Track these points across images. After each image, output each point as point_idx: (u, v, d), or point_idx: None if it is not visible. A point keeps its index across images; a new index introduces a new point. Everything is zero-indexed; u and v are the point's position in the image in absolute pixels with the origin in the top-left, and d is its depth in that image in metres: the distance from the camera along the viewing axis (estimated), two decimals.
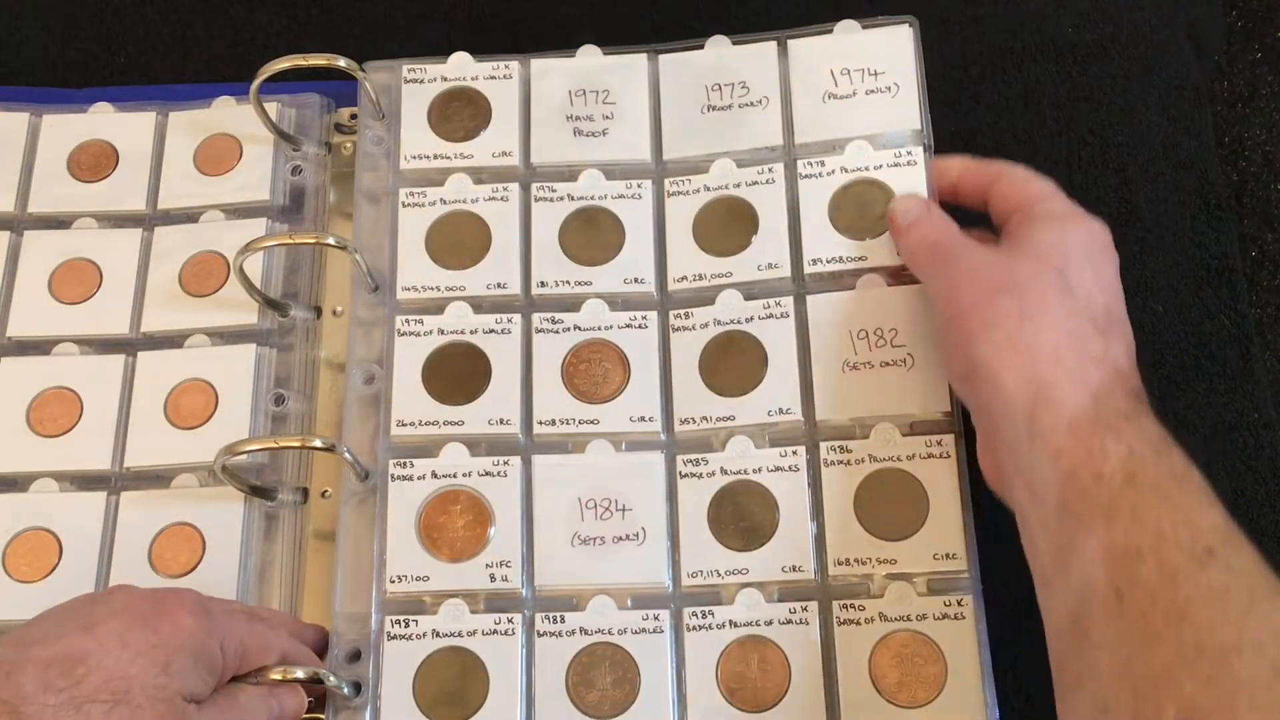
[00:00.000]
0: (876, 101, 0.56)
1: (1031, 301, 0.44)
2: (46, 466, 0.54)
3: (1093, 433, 0.41)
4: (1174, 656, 0.36)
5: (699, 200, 0.56)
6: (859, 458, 0.50)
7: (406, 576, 0.51)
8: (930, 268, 0.50)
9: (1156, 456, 0.41)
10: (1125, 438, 0.41)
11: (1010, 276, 0.46)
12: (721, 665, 0.48)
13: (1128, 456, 0.40)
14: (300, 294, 0.57)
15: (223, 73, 0.64)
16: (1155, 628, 0.37)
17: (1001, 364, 0.44)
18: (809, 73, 0.57)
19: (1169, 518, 0.38)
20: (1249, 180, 0.61)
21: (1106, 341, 0.44)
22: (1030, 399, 0.43)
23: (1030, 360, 0.43)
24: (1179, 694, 0.35)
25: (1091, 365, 0.43)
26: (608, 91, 0.58)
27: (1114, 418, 0.42)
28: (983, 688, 0.47)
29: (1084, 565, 0.40)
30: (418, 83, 0.59)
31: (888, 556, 0.49)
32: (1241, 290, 0.58)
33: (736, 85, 0.57)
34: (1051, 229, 0.47)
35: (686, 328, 0.54)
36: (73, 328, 0.57)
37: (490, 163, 0.57)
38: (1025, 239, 0.47)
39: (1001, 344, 0.44)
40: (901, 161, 0.55)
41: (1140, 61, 0.62)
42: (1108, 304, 0.46)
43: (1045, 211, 0.49)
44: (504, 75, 0.59)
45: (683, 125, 0.57)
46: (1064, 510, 0.41)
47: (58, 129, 0.61)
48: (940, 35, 0.62)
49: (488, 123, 0.58)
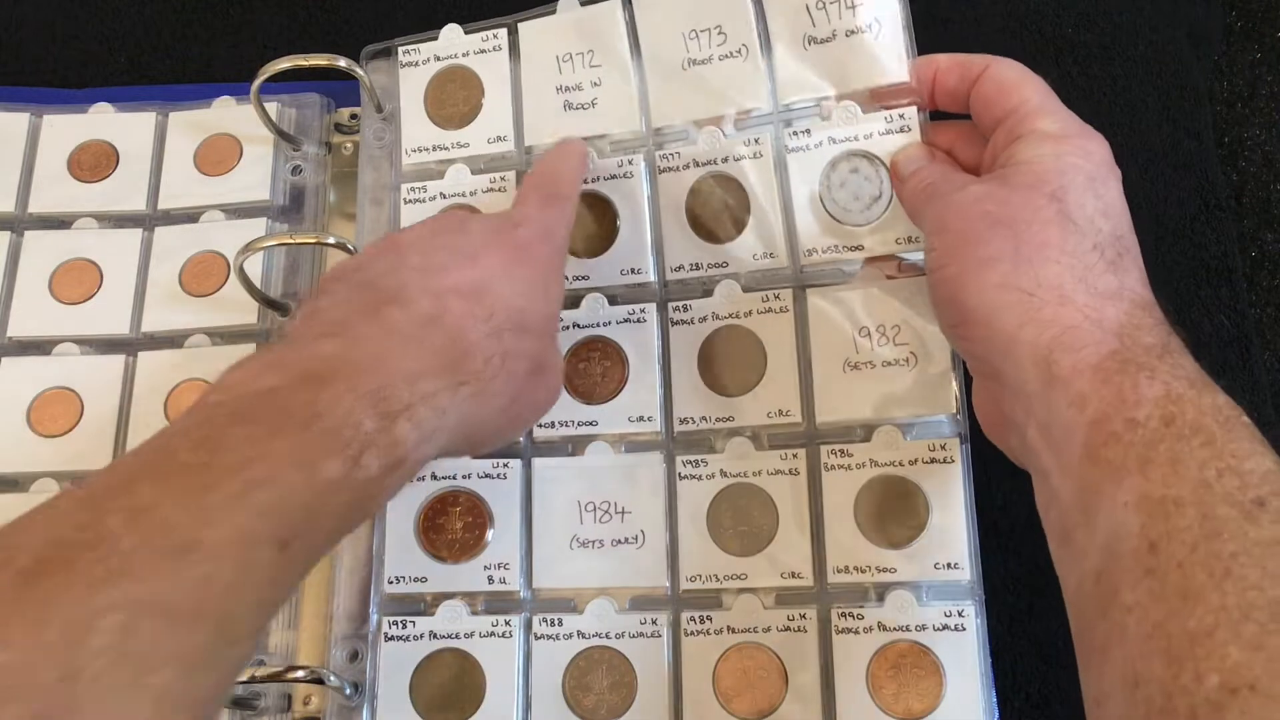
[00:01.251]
0: (858, 44, 0.51)
1: (1028, 238, 0.40)
2: (47, 466, 0.54)
3: (1123, 373, 0.37)
4: (1217, 618, 0.31)
5: (689, 176, 0.54)
6: (860, 461, 0.50)
7: (405, 577, 0.51)
8: (924, 207, 0.46)
9: (1198, 395, 0.36)
10: (1160, 376, 0.36)
11: (1003, 209, 0.42)
12: (719, 671, 0.48)
13: (1164, 396, 0.36)
14: (300, 294, 0.57)
15: (223, 73, 0.64)
16: (1195, 585, 0.32)
17: (999, 306, 0.40)
18: (784, 9, 0.53)
19: (1213, 464, 0.34)
20: (1249, 180, 0.61)
21: (1119, 274, 0.40)
22: (1043, 344, 0.39)
23: (1032, 303, 0.39)
24: (1222, 659, 0.30)
25: (1107, 302, 0.39)
26: (592, 53, 0.55)
27: (1145, 355, 0.37)
28: (981, 700, 0.47)
29: (1113, 517, 0.35)
30: (413, 65, 0.58)
31: (888, 565, 0.48)
32: (1241, 290, 0.57)
33: (714, 31, 0.54)
34: (1044, 150, 0.43)
35: (685, 321, 0.53)
36: (73, 328, 0.57)
37: (486, 150, 0.57)
38: (1015, 163, 0.43)
39: (998, 285, 0.40)
40: (893, 129, 0.51)
41: (1140, 61, 0.61)
42: (1115, 230, 0.41)
43: (1035, 130, 0.44)
44: (494, 47, 0.57)
45: (667, 86, 0.54)
46: (1091, 458, 0.36)
47: (58, 129, 0.61)
48: (940, 35, 0.62)
49: (481, 104, 0.57)
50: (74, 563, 0.30)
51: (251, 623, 0.34)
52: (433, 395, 0.39)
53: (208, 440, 0.34)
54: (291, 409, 0.35)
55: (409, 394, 0.38)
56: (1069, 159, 0.43)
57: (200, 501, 0.32)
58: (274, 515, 0.33)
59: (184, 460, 0.33)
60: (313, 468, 0.35)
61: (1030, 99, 0.45)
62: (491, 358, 0.41)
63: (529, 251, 0.45)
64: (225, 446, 0.34)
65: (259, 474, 0.33)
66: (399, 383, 0.38)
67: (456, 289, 0.42)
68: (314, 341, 0.38)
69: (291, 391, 0.36)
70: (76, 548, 0.30)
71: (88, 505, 0.32)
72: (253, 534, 0.33)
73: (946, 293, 0.43)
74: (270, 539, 0.33)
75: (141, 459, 0.34)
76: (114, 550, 0.30)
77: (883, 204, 0.51)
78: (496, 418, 0.44)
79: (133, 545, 0.30)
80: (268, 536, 0.33)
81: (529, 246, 0.45)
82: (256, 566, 0.33)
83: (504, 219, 0.46)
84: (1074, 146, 0.43)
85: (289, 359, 0.37)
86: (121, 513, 0.31)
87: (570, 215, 0.49)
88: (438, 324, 0.40)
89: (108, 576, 0.30)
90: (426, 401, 0.38)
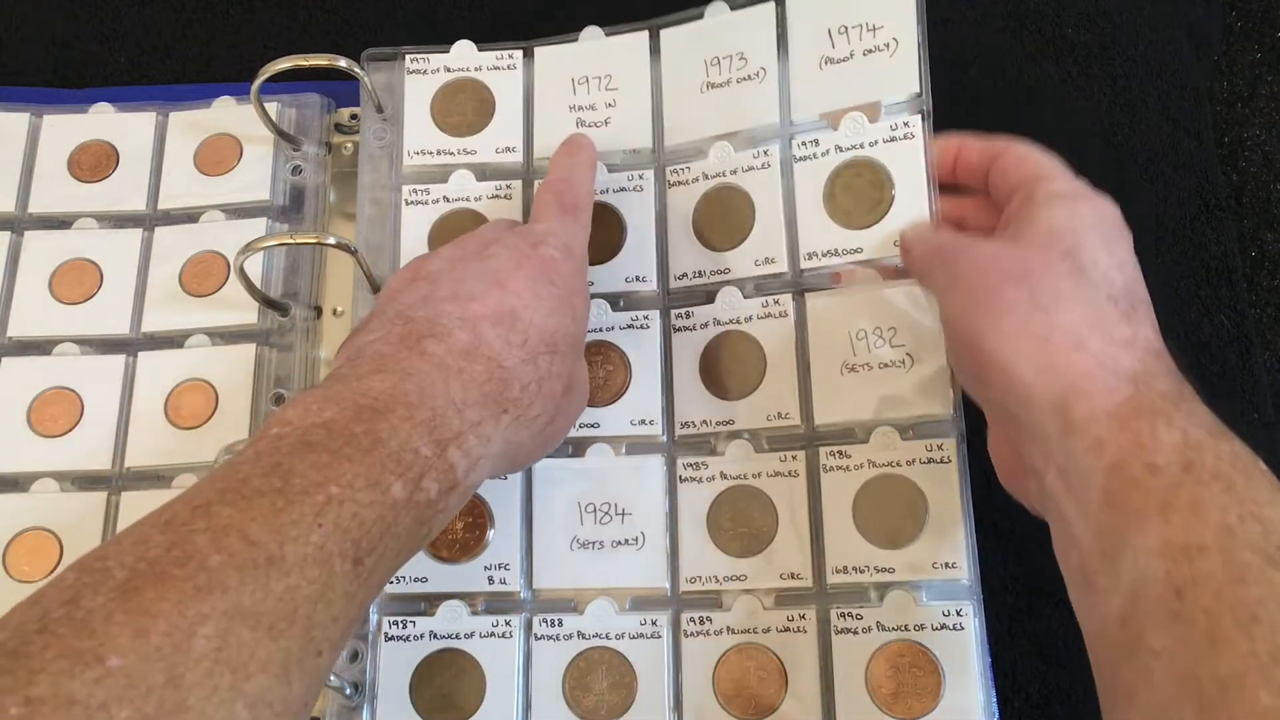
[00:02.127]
0: (874, 63, 0.53)
1: (1043, 288, 0.41)
2: (47, 466, 0.54)
3: (1139, 419, 0.37)
4: (1246, 663, 0.31)
5: (697, 190, 0.55)
6: (858, 463, 0.50)
7: (405, 577, 0.51)
8: (935, 268, 0.47)
9: (1215, 442, 0.36)
10: (1177, 423, 0.37)
11: (1017, 264, 0.42)
12: (718, 671, 0.48)
13: (1182, 443, 0.36)
14: (300, 294, 0.57)
15: (223, 73, 0.64)
16: (1223, 630, 0.32)
17: (1015, 354, 0.40)
18: (807, 35, 0.54)
19: (1234, 510, 0.34)
20: (1249, 180, 0.61)
21: (1133, 324, 0.41)
22: (1059, 390, 0.39)
23: (1049, 349, 0.40)
24: (1253, 705, 0.31)
25: (1121, 350, 0.40)
26: (610, 77, 0.57)
27: (1161, 402, 0.38)
28: (980, 700, 0.47)
29: (1137, 563, 0.35)
30: (420, 74, 0.58)
31: (886, 565, 0.48)
32: (1241, 290, 0.58)
33: (735, 58, 0.55)
34: (1057, 209, 0.44)
35: (688, 328, 0.54)
36: (73, 328, 0.57)
37: (494, 159, 0.57)
38: (1029, 222, 0.44)
39: (1013, 334, 0.41)
40: (898, 135, 0.52)
41: (1140, 61, 0.61)
42: (1127, 284, 0.42)
43: (1049, 191, 0.45)
44: (508, 65, 0.58)
45: (683, 108, 0.56)
46: (1111, 505, 0.37)
47: (58, 129, 0.61)
48: (940, 35, 0.62)
49: (491, 116, 0.57)
50: (167, 577, 0.32)
51: (332, 635, 0.35)
52: (479, 424, 0.41)
53: (278, 467, 0.36)
54: (354, 436, 0.37)
55: (459, 422, 0.40)
56: (1081, 217, 0.44)
57: (278, 521, 0.34)
58: (347, 532, 0.35)
59: (257, 485, 0.35)
60: (381, 489, 0.37)
61: (1046, 168, 0.47)
62: (529, 385, 0.43)
63: (554, 270, 0.46)
64: (296, 472, 0.36)
65: (332, 494, 0.35)
66: (449, 412, 0.40)
67: (489, 316, 0.43)
68: (364, 378, 0.40)
69: (350, 422, 0.38)
70: (168, 564, 0.32)
71: (171, 528, 0.34)
72: (329, 550, 0.35)
73: (964, 342, 0.43)
74: (345, 555, 0.35)
75: (215, 487, 0.35)
76: (202, 567, 0.32)
77: (883, 208, 0.51)
78: (535, 439, 0.45)
79: (220, 562, 0.32)
80: (342, 553, 0.35)
81: (553, 264, 0.46)
82: (334, 581, 0.35)
83: (524, 237, 0.47)
84: (1086, 205, 0.44)
85: (343, 394, 0.39)
86: (206, 533, 0.33)
87: (587, 223, 0.50)
88: (476, 355, 0.42)
89: (200, 590, 0.32)
90: (474, 430, 0.41)
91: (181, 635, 0.31)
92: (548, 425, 0.45)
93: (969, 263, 0.44)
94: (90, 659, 0.29)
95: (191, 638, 0.31)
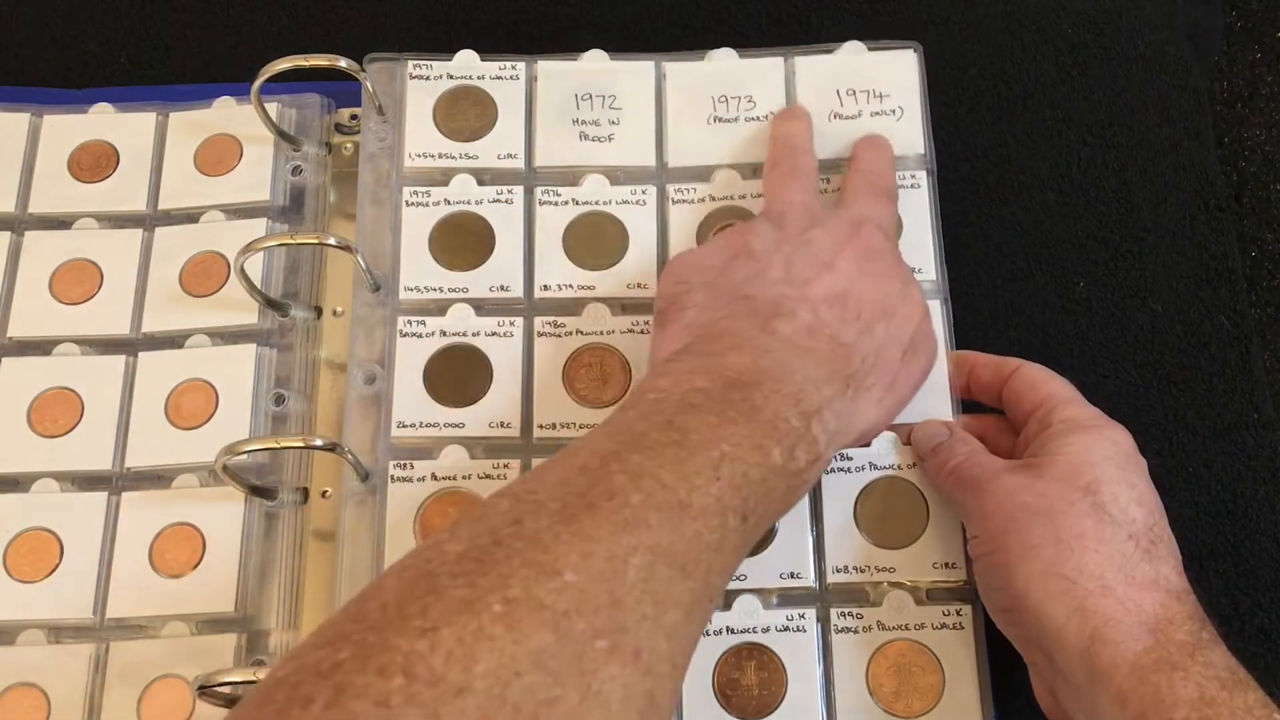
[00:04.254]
0: (881, 124, 0.57)
1: (1066, 527, 0.43)
2: (47, 466, 0.54)
3: (1158, 671, 0.39)
4: None
5: (702, 210, 0.56)
6: (859, 465, 0.51)
7: None
8: (957, 494, 0.48)
9: (1230, 696, 0.39)
10: (1194, 677, 0.39)
11: (1039, 500, 0.44)
12: (719, 671, 0.48)
13: (1198, 699, 0.39)
14: (300, 294, 0.57)
15: (223, 73, 0.64)
16: None
17: (1046, 594, 0.42)
18: (815, 91, 0.57)
19: None
20: (1249, 180, 0.61)
21: (1154, 563, 0.42)
22: (1085, 635, 0.41)
23: (1076, 591, 0.41)
24: None
25: (1144, 593, 0.41)
26: (614, 96, 0.58)
27: (1178, 654, 0.40)
28: (980, 699, 0.47)
29: None
30: (423, 79, 0.59)
31: (887, 565, 0.49)
32: (1241, 290, 0.58)
33: (743, 99, 0.58)
34: (1074, 441, 0.45)
35: None
36: (73, 328, 0.57)
37: (495, 164, 0.57)
38: (1049, 454, 0.45)
39: (1043, 574, 0.42)
40: (906, 184, 0.55)
41: (1140, 62, 0.62)
42: (1148, 519, 0.44)
43: (1065, 420, 0.47)
44: (510, 75, 0.59)
45: (688, 134, 0.57)
46: None
47: (58, 129, 0.61)
48: (940, 35, 0.62)
49: (494, 123, 0.58)
50: (598, 509, 0.35)
51: (720, 586, 0.38)
52: (831, 400, 0.43)
53: (672, 424, 0.39)
54: (732, 403, 0.40)
55: (818, 398, 0.43)
56: (1099, 450, 0.45)
57: (683, 469, 0.37)
58: (738, 489, 0.38)
59: (656, 439, 0.38)
60: (763, 452, 0.40)
61: (1058, 393, 0.48)
62: (866, 355, 0.46)
63: (874, 247, 0.49)
64: (690, 429, 0.39)
65: (725, 451, 0.38)
66: (809, 388, 0.43)
67: (825, 298, 0.46)
68: (723, 354, 0.43)
69: (726, 390, 0.41)
70: (596, 497, 0.35)
71: (588, 471, 0.37)
72: (725, 503, 0.38)
73: (996, 579, 0.45)
74: (735, 510, 0.38)
75: (614, 439, 0.38)
76: (626, 503, 0.35)
77: None
78: (875, 408, 0.47)
79: (640, 500, 0.35)
80: (734, 508, 0.38)
81: (873, 242, 0.49)
82: (727, 534, 0.38)
83: (844, 222, 0.50)
84: (1102, 437, 0.46)
85: (708, 366, 0.42)
86: (624, 474, 0.36)
87: (895, 208, 0.54)
88: (818, 334, 0.45)
89: (628, 523, 0.35)
90: (829, 405, 0.43)
91: (619, 562, 0.34)
92: (886, 393, 0.47)
93: (994, 498, 0.45)
94: (549, 570, 0.32)
95: (625, 565, 0.34)
